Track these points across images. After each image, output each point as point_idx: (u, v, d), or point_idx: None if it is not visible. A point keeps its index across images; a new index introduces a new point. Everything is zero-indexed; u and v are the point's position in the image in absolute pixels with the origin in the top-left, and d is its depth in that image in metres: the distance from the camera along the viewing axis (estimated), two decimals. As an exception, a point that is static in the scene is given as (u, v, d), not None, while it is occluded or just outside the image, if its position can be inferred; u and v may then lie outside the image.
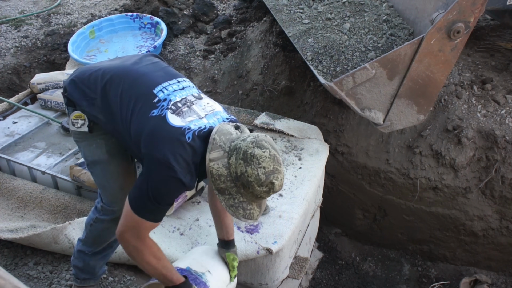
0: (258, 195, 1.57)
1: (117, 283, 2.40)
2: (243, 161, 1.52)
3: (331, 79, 2.78)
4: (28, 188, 2.82)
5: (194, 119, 1.65)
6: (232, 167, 1.54)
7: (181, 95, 1.72)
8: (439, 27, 2.29)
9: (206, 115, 1.69)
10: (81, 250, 2.10)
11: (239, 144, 1.56)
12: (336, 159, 3.56)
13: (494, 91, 3.25)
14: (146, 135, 1.61)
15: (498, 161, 3.08)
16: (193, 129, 1.60)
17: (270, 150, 1.55)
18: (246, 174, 1.52)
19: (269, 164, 1.52)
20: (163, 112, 1.63)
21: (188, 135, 1.58)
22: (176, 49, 4.51)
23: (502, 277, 3.46)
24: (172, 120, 1.61)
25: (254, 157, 1.51)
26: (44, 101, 3.40)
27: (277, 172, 1.55)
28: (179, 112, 1.64)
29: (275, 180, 1.54)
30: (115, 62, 1.91)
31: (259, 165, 1.51)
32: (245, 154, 1.52)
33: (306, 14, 3.41)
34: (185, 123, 1.61)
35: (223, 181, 1.56)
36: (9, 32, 4.87)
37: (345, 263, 3.83)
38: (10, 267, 2.49)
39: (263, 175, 1.51)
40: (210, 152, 1.57)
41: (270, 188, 1.55)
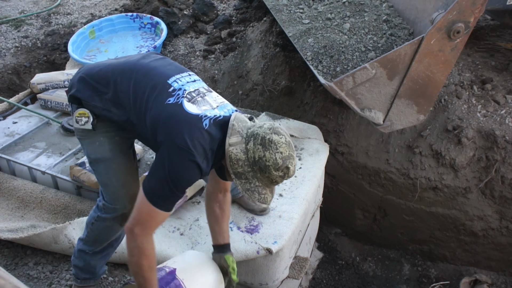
0: (273, 180, 1.64)
1: (117, 283, 2.40)
2: (261, 146, 1.59)
3: (331, 79, 2.78)
4: (28, 188, 2.82)
5: (208, 108, 1.70)
6: (250, 152, 1.61)
7: (194, 86, 1.77)
8: (439, 27, 2.29)
9: (218, 106, 1.75)
10: (82, 250, 2.09)
11: (256, 130, 1.63)
12: (336, 159, 3.56)
13: (494, 91, 3.25)
14: (164, 121, 1.64)
15: (498, 161, 3.09)
16: (209, 116, 1.65)
17: (286, 137, 1.63)
18: (264, 159, 1.59)
19: (285, 150, 1.60)
20: (179, 100, 1.67)
21: (205, 122, 1.63)
22: (176, 49, 4.51)
23: (502, 277, 3.46)
24: (189, 108, 1.66)
25: (272, 142, 1.59)
26: (44, 101, 3.39)
27: (292, 158, 1.64)
28: (195, 101, 1.70)
29: (290, 165, 1.62)
30: (122, 59, 1.93)
31: (276, 150, 1.59)
32: (264, 139, 1.60)
33: (306, 14, 3.41)
34: (201, 111, 1.66)
35: (240, 165, 1.63)
36: (9, 32, 4.87)
37: (345, 263, 3.83)
38: (10, 267, 2.49)
39: (280, 160, 1.59)
40: (229, 137, 1.63)
41: (285, 172, 1.63)
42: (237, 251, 2.28)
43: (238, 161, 1.62)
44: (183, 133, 1.59)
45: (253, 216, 2.49)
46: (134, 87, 1.74)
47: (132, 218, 1.68)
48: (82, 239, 2.10)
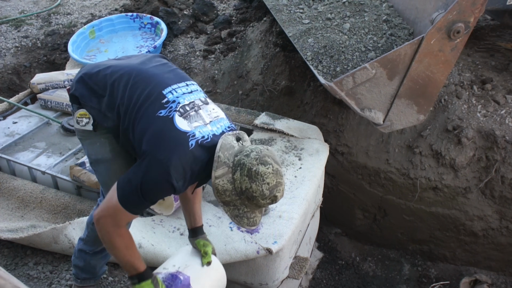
0: (261, 206, 1.66)
1: (117, 283, 2.41)
2: (247, 178, 1.59)
3: (331, 79, 2.78)
4: (28, 188, 2.82)
5: (199, 125, 1.68)
6: (237, 183, 1.61)
7: (189, 98, 1.74)
8: (439, 27, 2.29)
9: (211, 121, 1.73)
10: (82, 249, 2.10)
11: (242, 160, 1.61)
12: (336, 159, 3.56)
13: (494, 91, 3.25)
14: (152, 134, 1.64)
15: (498, 161, 3.08)
16: (197, 137, 1.64)
17: (273, 165, 1.62)
18: (251, 190, 1.59)
19: (272, 180, 1.60)
20: (171, 113, 1.66)
21: (191, 142, 1.62)
22: (176, 49, 4.51)
23: (502, 277, 3.46)
24: (179, 124, 1.64)
25: (259, 174, 1.58)
26: (44, 101, 3.40)
27: (279, 185, 1.64)
28: (187, 116, 1.67)
29: (277, 193, 1.63)
30: (124, 61, 1.92)
31: (263, 182, 1.59)
32: (250, 171, 1.59)
33: (306, 14, 3.41)
34: (191, 128, 1.65)
35: (228, 195, 1.64)
36: (9, 32, 4.87)
37: (345, 263, 3.83)
38: (10, 267, 2.49)
39: (267, 191, 1.60)
40: (215, 170, 1.62)
41: (272, 200, 1.63)
42: (237, 251, 2.28)
43: (225, 191, 1.63)
44: (167, 150, 1.59)
45: (253, 216, 2.50)
46: (129, 93, 1.73)
47: (100, 209, 1.69)
48: (83, 239, 2.10)
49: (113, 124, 1.79)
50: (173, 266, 1.90)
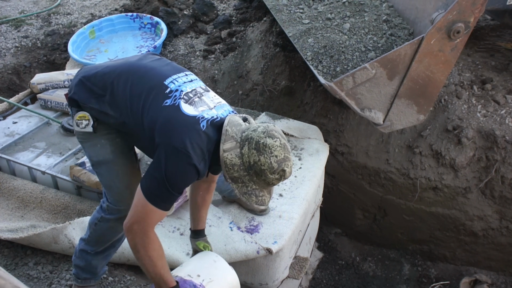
0: (270, 182, 1.64)
1: (117, 283, 2.40)
2: (255, 151, 1.59)
3: (331, 79, 2.78)
4: (28, 188, 2.82)
5: (205, 109, 1.70)
6: (245, 157, 1.61)
7: (190, 86, 1.77)
8: (439, 27, 2.29)
9: (215, 106, 1.74)
10: (84, 250, 2.09)
11: (250, 134, 1.62)
12: (336, 159, 3.56)
13: (494, 91, 3.25)
14: (161, 124, 1.64)
15: (498, 161, 3.08)
16: (206, 117, 1.65)
17: (280, 139, 1.62)
18: (259, 163, 1.59)
19: (280, 153, 1.60)
20: (176, 101, 1.68)
21: (203, 124, 1.63)
22: (176, 49, 4.51)
23: (502, 277, 3.46)
24: (186, 109, 1.66)
25: (267, 146, 1.58)
26: (44, 101, 3.40)
27: (288, 159, 1.63)
28: (192, 102, 1.69)
29: (286, 167, 1.62)
30: (120, 61, 1.93)
31: (271, 154, 1.58)
32: (258, 144, 1.59)
33: (306, 14, 3.41)
34: (198, 112, 1.66)
35: (236, 170, 1.63)
36: (9, 32, 4.87)
37: (345, 263, 3.83)
38: (10, 267, 2.49)
39: (276, 163, 1.59)
40: (223, 143, 1.63)
41: (281, 175, 1.62)
42: (237, 251, 2.28)
43: (234, 166, 1.63)
44: (181, 135, 1.60)
45: (253, 216, 2.50)
46: (130, 90, 1.74)
47: (130, 216, 1.68)
48: (84, 239, 2.10)
49: (116, 121, 1.80)
50: (197, 277, 1.86)
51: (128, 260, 2.46)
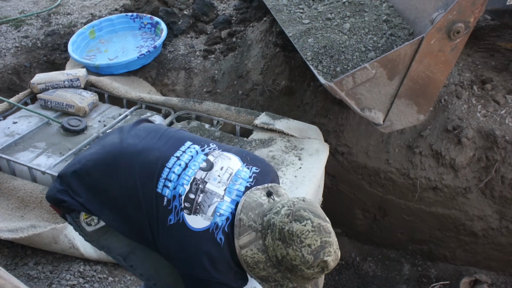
0: (309, 277, 1.29)
1: (117, 283, 2.40)
2: (281, 242, 1.25)
3: (331, 79, 2.78)
4: (28, 188, 2.82)
5: (215, 205, 1.38)
6: (270, 250, 1.28)
7: (188, 178, 1.43)
8: (439, 27, 2.29)
9: (225, 189, 1.41)
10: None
11: (272, 219, 1.28)
12: (336, 159, 3.55)
13: (494, 91, 3.25)
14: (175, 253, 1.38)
15: (498, 161, 3.08)
16: (220, 225, 1.35)
17: (312, 219, 1.26)
18: (289, 257, 1.25)
19: (314, 240, 1.24)
20: (179, 216, 1.38)
21: (219, 236, 1.33)
22: (176, 49, 4.51)
23: (502, 277, 3.46)
24: (194, 224, 1.36)
25: (294, 234, 1.23)
26: (44, 101, 3.40)
27: (328, 245, 1.26)
28: (196, 208, 1.38)
29: (327, 256, 1.25)
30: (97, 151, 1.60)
31: (301, 244, 1.23)
32: (282, 232, 1.25)
33: (306, 14, 3.41)
34: (209, 220, 1.35)
35: (262, 268, 1.30)
36: (9, 32, 4.87)
37: (345, 263, 3.83)
38: (10, 267, 2.49)
39: (310, 255, 1.23)
40: (238, 238, 1.31)
41: (323, 267, 1.26)
42: (237, 251, 2.28)
43: (258, 264, 1.29)
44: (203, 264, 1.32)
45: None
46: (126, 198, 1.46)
47: None
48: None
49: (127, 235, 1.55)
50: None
51: (128, 260, 2.46)
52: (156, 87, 4.24)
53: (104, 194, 1.51)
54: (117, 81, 3.90)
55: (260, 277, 1.31)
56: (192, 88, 4.23)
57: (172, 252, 1.38)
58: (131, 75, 4.18)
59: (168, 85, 4.27)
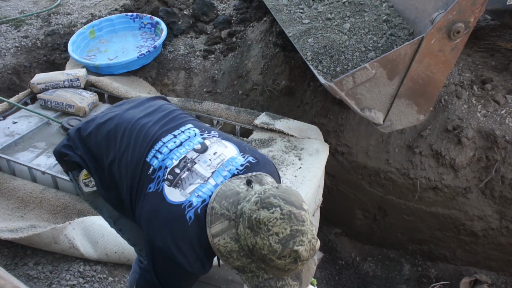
0: (283, 268, 1.21)
1: (117, 283, 2.40)
2: (250, 230, 1.20)
3: (331, 79, 2.78)
4: (28, 188, 2.82)
5: (197, 186, 1.35)
6: (242, 239, 1.22)
7: (178, 155, 1.43)
8: (439, 27, 2.29)
9: (213, 172, 1.39)
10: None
11: (244, 207, 1.23)
12: (336, 159, 3.55)
13: (494, 91, 3.25)
14: (145, 218, 1.38)
15: (498, 161, 3.08)
16: (194, 205, 1.31)
17: (282, 207, 1.19)
18: (258, 247, 1.19)
19: (283, 228, 1.17)
20: (159, 186, 1.37)
21: (189, 215, 1.29)
22: (176, 49, 4.51)
23: (502, 277, 3.46)
24: (170, 196, 1.34)
25: (261, 222, 1.17)
26: (44, 101, 3.40)
27: (299, 233, 1.18)
28: (177, 183, 1.37)
29: (297, 246, 1.17)
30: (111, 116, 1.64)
31: (269, 232, 1.17)
32: (250, 220, 1.19)
33: (306, 14, 3.41)
34: (185, 197, 1.33)
35: (236, 257, 1.25)
36: (9, 32, 4.87)
37: (345, 263, 3.83)
38: (10, 267, 2.49)
39: (278, 244, 1.16)
40: (210, 226, 1.26)
41: (295, 257, 1.18)
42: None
43: (231, 253, 1.24)
44: (164, 234, 1.30)
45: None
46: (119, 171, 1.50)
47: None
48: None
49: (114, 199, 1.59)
50: None
51: (128, 260, 2.46)
52: (156, 87, 4.24)
53: (99, 159, 1.56)
54: (117, 81, 3.90)
55: (235, 267, 1.27)
56: (192, 88, 4.23)
57: (143, 216, 1.38)
58: (131, 75, 4.18)
59: (168, 85, 4.27)
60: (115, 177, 1.52)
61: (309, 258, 1.20)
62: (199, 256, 1.31)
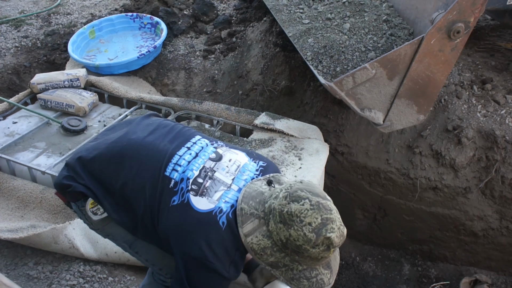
0: (317, 257, 1.28)
1: (117, 283, 2.40)
2: (282, 225, 1.26)
3: (331, 79, 2.78)
4: (28, 188, 2.82)
5: (222, 193, 1.40)
6: (274, 234, 1.28)
7: (197, 165, 1.47)
8: (439, 27, 2.29)
9: (234, 179, 1.44)
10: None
11: (272, 204, 1.29)
12: (336, 159, 3.55)
13: (494, 91, 3.25)
14: (173, 230, 1.38)
15: (498, 161, 3.08)
16: (225, 210, 1.36)
17: (310, 198, 1.27)
18: (292, 239, 1.25)
19: (314, 218, 1.24)
20: (184, 197, 1.39)
21: (222, 220, 1.34)
22: (176, 49, 4.51)
23: (502, 277, 3.46)
24: (198, 205, 1.37)
25: (293, 215, 1.24)
26: (44, 101, 3.40)
27: (330, 221, 1.26)
28: (203, 192, 1.40)
29: (329, 233, 1.24)
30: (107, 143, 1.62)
31: (302, 223, 1.24)
32: (282, 215, 1.26)
33: (306, 14, 3.41)
34: (214, 204, 1.37)
35: (269, 253, 1.30)
36: (9, 32, 4.87)
37: (345, 263, 3.83)
38: (10, 267, 2.49)
39: (312, 233, 1.23)
40: (241, 226, 1.32)
41: (328, 244, 1.26)
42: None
43: (265, 249, 1.29)
44: (199, 242, 1.32)
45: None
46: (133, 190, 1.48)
47: None
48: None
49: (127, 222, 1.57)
50: None
51: (128, 260, 2.46)
52: (156, 87, 4.24)
53: (107, 183, 1.54)
54: (117, 81, 3.90)
55: (269, 263, 1.31)
56: (192, 88, 4.23)
57: (171, 230, 1.38)
58: (131, 75, 4.18)
59: (168, 85, 4.27)
60: (130, 199, 1.50)
61: (340, 244, 1.28)
62: (234, 260, 1.35)
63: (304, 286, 1.30)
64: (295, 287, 1.31)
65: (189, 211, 1.37)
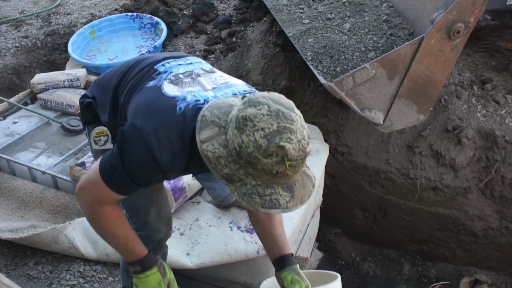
0: (270, 171, 1.15)
1: (117, 283, 2.40)
2: (236, 130, 1.15)
3: (331, 79, 2.78)
4: (28, 188, 2.82)
5: (195, 89, 1.36)
6: (230, 143, 1.18)
7: (186, 68, 1.48)
8: (439, 27, 2.29)
9: (214, 88, 1.39)
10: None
11: (233, 112, 1.20)
12: (336, 159, 3.55)
13: (494, 91, 3.25)
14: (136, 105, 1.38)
15: (498, 161, 3.08)
16: (188, 100, 1.31)
17: (270, 105, 1.15)
18: (244, 145, 1.13)
19: (269, 123, 1.12)
20: (160, 82, 1.40)
21: (180, 106, 1.29)
22: (176, 49, 4.51)
23: (502, 277, 3.46)
24: (167, 90, 1.35)
25: (247, 119, 1.13)
26: (44, 101, 3.40)
27: (288, 131, 1.13)
28: (178, 82, 1.39)
29: (284, 142, 1.11)
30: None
31: (254, 128, 1.12)
32: (237, 120, 1.15)
33: (306, 14, 3.41)
34: (181, 93, 1.34)
35: (224, 164, 1.19)
36: (9, 32, 4.87)
37: (345, 263, 3.82)
38: (10, 267, 2.49)
39: (263, 139, 1.11)
40: (199, 132, 1.22)
41: (282, 156, 1.12)
42: (237, 251, 2.28)
43: (219, 158, 1.19)
44: (147, 117, 1.29)
45: (253, 216, 2.49)
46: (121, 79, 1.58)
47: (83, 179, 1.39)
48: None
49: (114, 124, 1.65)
50: None
51: (128, 260, 2.46)
52: (156, 87, 4.24)
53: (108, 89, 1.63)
54: (117, 81, 3.90)
55: (223, 175, 1.20)
56: (192, 88, 4.22)
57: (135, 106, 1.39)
58: (131, 75, 4.18)
59: (168, 85, 4.27)
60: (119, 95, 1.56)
61: (298, 159, 1.15)
62: (174, 149, 1.27)
63: (256, 203, 1.18)
64: (246, 203, 1.19)
65: (156, 93, 1.36)
